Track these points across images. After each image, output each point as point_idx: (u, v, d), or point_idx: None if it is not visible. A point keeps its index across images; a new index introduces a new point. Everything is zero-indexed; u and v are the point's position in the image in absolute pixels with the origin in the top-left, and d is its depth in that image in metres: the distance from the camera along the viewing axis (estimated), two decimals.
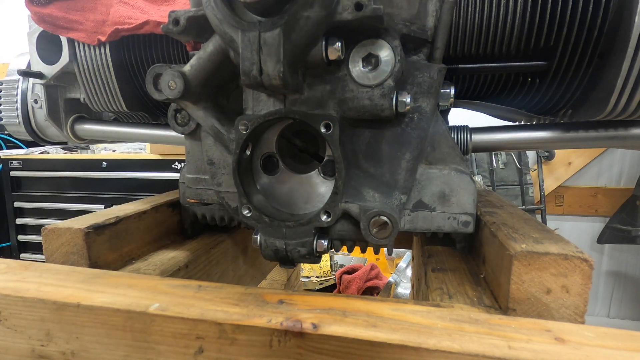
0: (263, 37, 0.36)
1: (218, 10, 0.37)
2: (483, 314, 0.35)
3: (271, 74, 0.37)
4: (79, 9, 0.63)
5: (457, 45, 0.52)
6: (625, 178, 2.48)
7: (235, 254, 0.71)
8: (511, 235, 0.40)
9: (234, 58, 0.41)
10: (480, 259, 0.48)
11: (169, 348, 0.36)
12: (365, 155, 0.44)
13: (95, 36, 0.64)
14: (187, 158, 0.55)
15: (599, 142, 0.59)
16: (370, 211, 0.42)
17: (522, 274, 0.36)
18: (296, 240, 0.44)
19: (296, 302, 0.37)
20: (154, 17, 0.60)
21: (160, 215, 0.61)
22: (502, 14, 0.49)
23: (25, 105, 0.82)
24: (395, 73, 0.39)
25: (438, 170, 0.44)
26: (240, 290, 0.40)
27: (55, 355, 0.38)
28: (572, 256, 0.34)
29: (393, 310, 0.36)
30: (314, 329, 0.32)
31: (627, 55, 0.44)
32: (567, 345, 0.30)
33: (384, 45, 0.39)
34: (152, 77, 0.43)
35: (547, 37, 0.49)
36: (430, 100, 0.43)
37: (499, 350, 0.29)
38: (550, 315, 0.36)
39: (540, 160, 2.48)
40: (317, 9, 0.35)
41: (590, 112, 0.52)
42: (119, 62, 0.67)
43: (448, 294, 0.42)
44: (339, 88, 0.42)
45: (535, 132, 0.61)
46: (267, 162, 0.49)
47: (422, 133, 0.43)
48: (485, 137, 0.62)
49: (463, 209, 0.44)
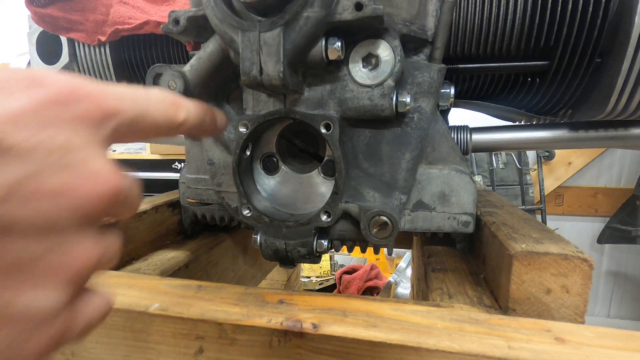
0: (263, 37, 0.36)
1: (218, 10, 0.37)
2: (483, 314, 0.35)
3: (271, 74, 0.37)
4: (79, 9, 0.63)
5: (457, 45, 0.52)
6: (625, 178, 2.48)
7: (235, 254, 0.71)
8: (511, 235, 0.40)
9: (234, 58, 0.41)
10: (480, 259, 0.48)
11: (169, 348, 0.36)
12: (365, 155, 0.44)
13: (95, 36, 0.64)
14: (187, 158, 0.55)
15: (599, 142, 0.59)
16: (371, 211, 0.42)
17: (522, 274, 0.36)
18: (296, 240, 0.44)
19: (296, 302, 0.37)
20: (154, 17, 0.60)
21: (160, 215, 0.61)
22: (502, 14, 0.49)
23: None
24: (395, 73, 0.39)
25: (438, 170, 0.44)
26: (240, 290, 0.40)
27: (56, 355, 0.38)
28: (572, 256, 0.34)
29: (393, 310, 0.36)
30: (314, 329, 0.32)
31: (627, 55, 0.44)
32: (567, 345, 0.30)
33: (384, 45, 0.39)
34: (152, 77, 0.43)
35: (547, 37, 0.49)
36: (430, 100, 0.43)
37: (499, 350, 0.29)
38: (550, 315, 0.36)
39: (540, 160, 2.47)
40: (317, 9, 0.35)
41: (590, 112, 0.52)
42: (119, 62, 0.68)
43: (448, 294, 0.42)
44: (339, 88, 0.42)
45: (535, 132, 0.61)
46: (267, 162, 0.49)
47: (422, 133, 0.43)
48: (485, 137, 0.62)
49: (463, 209, 0.44)
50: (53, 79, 0.19)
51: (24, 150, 0.17)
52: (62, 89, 0.19)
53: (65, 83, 0.20)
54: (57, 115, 0.18)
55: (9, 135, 0.17)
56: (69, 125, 0.19)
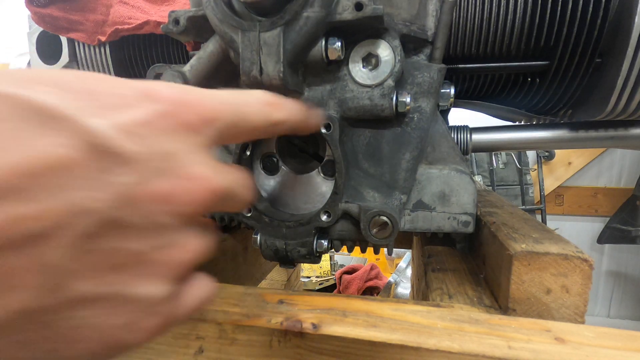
0: (263, 37, 0.36)
1: (218, 10, 0.37)
2: (483, 314, 0.35)
3: (271, 74, 0.37)
4: (79, 9, 0.63)
5: (457, 45, 0.52)
6: (625, 178, 2.48)
7: (235, 254, 0.71)
8: (511, 235, 0.40)
9: (234, 58, 0.41)
10: (480, 259, 0.48)
11: (169, 348, 0.36)
12: (365, 155, 0.44)
13: (95, 36, 0.64)
14: None
15: (599, 142, 0.59)
16: (371, 211, 0.42)
17: (522, 274, 0.36)
18: (296, 240, 0.44)
19: (296, 302, 0.37)
20: (154, 17, 0.60)
21: None
22: (502, 14, 0.49)
23: None
24: (395, 73, 0.39)
25: (438, 170, 0.44)
26: (240, 290, 0.40)
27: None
28: (572, 256, 0.34)
29: (393, 310, 0.36)
30: (314, 329, 0.32)
31: (627, 55, 0.44)
32: (567, 345, 0.30)
33: (384, 45, 0.39)
34: (152, 77, 0.43)
35: (547, 37, 0.49)
36: (430, 100, 0.43)
37: (499, 350, 0.29)
38: (550, 315, 0.36)
39: (540, 160, 2.48)
40: (317, 9, 0.35)
41: (590, 112, 0.52)
42: (119, 62, 0.68)
43: (448, 294, 0.42)
44: (339, 88, 0.42)
45: (535, 132, 0.61)
46: (267, 162, 0.49)
47: (422, 133, 0.43)
48: (485, 137, 0.62)
49: (463, 209, 0.44)
50: (164, 92, 0.22)
51: (135, 158, 0.19)
52: (172, 101, 0.21)
53: (174, 95, 0.22)
54: (164, 126, 0.21)
55: (123, 145, 0.19)
56: (173, 134, 0.21)
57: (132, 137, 0.19)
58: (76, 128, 0.18)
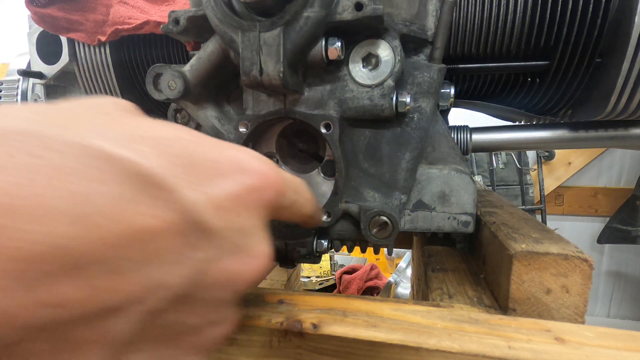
0: (263, 37, 0.36)
1: (218, 10, 0.37)
2: (483, 314, 0.35)
3: (271, 74, 0.37)
4: (79, 9, 0.63)
5: (457, 45, 0.52)
6: (625, 178, 2.48)
7: None
8: (511, 235, 0.40)
9: (234, 58, 0.41)
10: (480, 259, 0.48)
11: None
12: (365, 155, 0.44)
13: (95, 36, 0.64)
14: None
15: (599, 142, 0.59)
16: (370, 211, 0.42)
17: (522, 274, 0.36)
18: (296, 240, 0.44)
19: (296, 302, 0.37)
20: (154, 17, 0.60)
21: None
22: (502, 14, 0.49)
23: None
24: (395, 73, 0.39)
25: (438, 170, 0.44)
26: None
27: None
28: (572, 256, 0.34)
29: (393, 310, 0.36)
30: (314, 329, 0.32)
31: (627, 55, 0.44)
32: (567, 345, 0.30)
33: (384, 45, 0.39)
34: (152, 77, 0.43)
35: (547, 37, 0.49)
36: (430, 100, 0.43)
37: (499, 350, 0.29)
38: (550, 315, 0.36)
39: (540, 160, 2.47)
40: (317, 9, 0.35)
41: (590, 112, 0.52)
42: (119, 62, 0.67)
43: (448, 294, 0.42)
44: (339, 88, 0.42)
45: (535, 132, 0.61)
46: None
47: (422, 133, 0.43)
48: (485, 137, 0.62)
49: (463, 209, 0.44)
50: (255, 166, 0.22)
51: (217, 234, 0.19)
52: (260, 175, 0.22)
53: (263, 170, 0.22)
54: (249, 201, 0.21)
55: (211, 220, 0.18)
56: (254, 210, 0.21)
57: (220, 212, 0.19)
58: (174, 200, 0.17)
